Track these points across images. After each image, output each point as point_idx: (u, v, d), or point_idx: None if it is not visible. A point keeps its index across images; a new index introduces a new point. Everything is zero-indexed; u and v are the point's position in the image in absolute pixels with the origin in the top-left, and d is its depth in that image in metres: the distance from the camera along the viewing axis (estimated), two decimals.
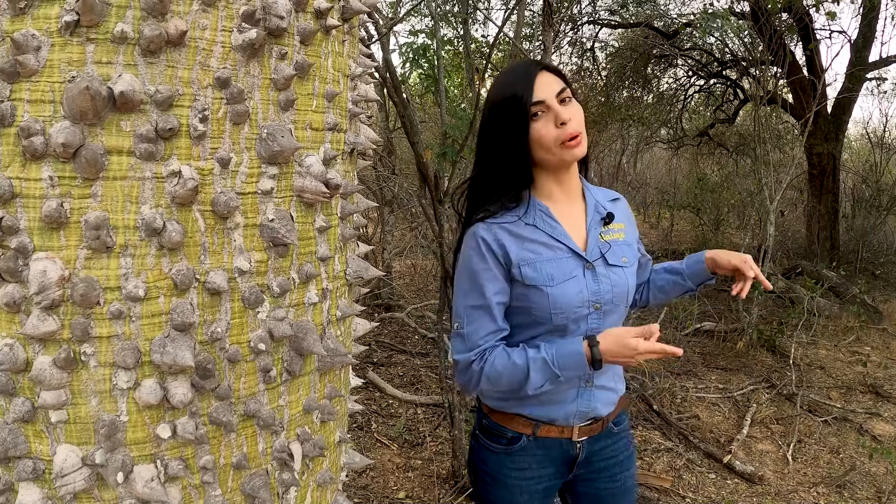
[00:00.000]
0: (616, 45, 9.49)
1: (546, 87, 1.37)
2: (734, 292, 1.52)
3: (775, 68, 6.55)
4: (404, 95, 3.15)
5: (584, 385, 1.46)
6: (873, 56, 7.18)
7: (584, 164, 1.57)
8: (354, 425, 3.72)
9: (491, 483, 1.51)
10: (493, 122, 1.41)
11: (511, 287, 1.40)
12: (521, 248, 1.39)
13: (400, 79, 3.25)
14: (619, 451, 1.56)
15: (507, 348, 1.41)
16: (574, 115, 1.38)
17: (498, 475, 1.50)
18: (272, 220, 1.00)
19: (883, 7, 6.91)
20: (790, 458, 3.54)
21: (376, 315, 5.46)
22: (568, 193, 1.48)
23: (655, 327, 1.31)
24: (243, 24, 0.93)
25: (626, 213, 1.57)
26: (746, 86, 8.49)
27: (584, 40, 8.39)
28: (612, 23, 8.49)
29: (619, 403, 1.55)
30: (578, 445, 1.50)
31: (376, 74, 3.07)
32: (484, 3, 6.81)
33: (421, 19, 5.54)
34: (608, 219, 1.47)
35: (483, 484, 1.53)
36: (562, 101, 1.38)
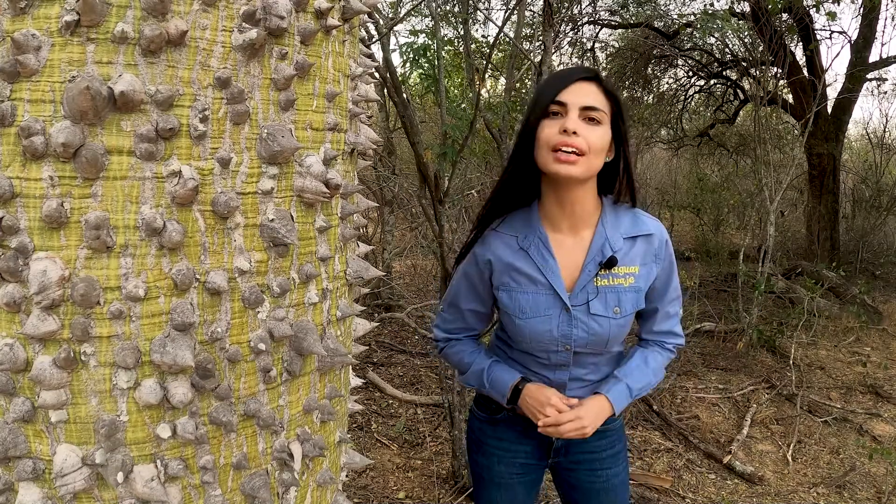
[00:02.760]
0: (616, 45, 9.49)
1: (578, 95, 1.28)
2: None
3: (775, 69, 6.55)
4: (404, 95, 3.15)
5: (561, 391, 1.45)
6: (873, 56, 7.19)
7: (630, 191, 1.41)
8: (354, 425, 3.72)
9: (476, 450, 1.62)
10: (524, 115, 1.38)
11: (494, 301, 1.49)
12: (505, 274, 1.40)
13: (400, 79, 3.25)
14: (603, 447, 1.54)
15: (469, 344, 1.56)
16: (588, 134, 1.26)
17: (481, 442, 1.60)
18: (272, 220, 1.00)
19: (883, 7, 6.91)
20: (790, 458, 3.54)
21: (376, 315, 5.45)
22: (571, 220, 1.37)
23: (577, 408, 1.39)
24: (244, 24, 0.93)
25: (650, 254, 1.39)
26: (747, 86, 8.49)
27: (585, 41, 8.39)
28: (613, 23, 8.49)
29: None
30: None
31: (376, 74, 3.07)
32: (484, 3, 6.81)
33: (421, 19, 5.54)
34: (608, 264, 1.34)
35: (470, 451, 1.65)
36: (588, 119, 1.28)
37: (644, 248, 1.39)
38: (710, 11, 6.41)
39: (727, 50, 8.33)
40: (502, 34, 3.65)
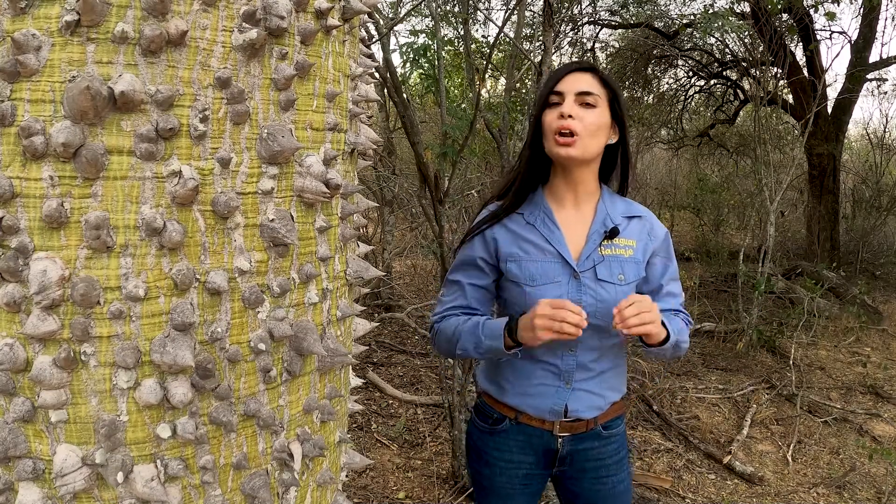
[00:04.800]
0: (616, 45, 9.49)
1: (573, 83, 1.42)
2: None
3: (775, 69, 6.55)
4: (404, 95, 3.15)
5: (563, 385, 1.46)
6: (873, 57, 7.19)
7: (623, 180, 1.55)
8: (354, 425, 3.72)
9: (476, 459, 1.59)
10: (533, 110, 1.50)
11: (500, 279, 1.50)
12: (512, 245, 1.46)
13: (400, 79, 3.26)
14: (608, 454, 1.54)
15: (466, 315, 1.51)
16: (584, 117, 1.39)
17: (482, 452, 1.57)
18: (272, 220, 1.00)
19: (883, 8, 6.92)
20: (790, 458, 3.54)
21: (376, 315, 5.45)
22: (576, 198, 1.48)
23: (571, 305, 1.27)
24: (244, 24, 0.93)
25: (645, 232, 1.50)
26: (747, 86, 8.49)
27: (585, 41, 8.38)
28: (613, 23, 8.48)
29: (610, 410, 1.53)
30: (559, 441, 1.51)
31: (377, 74, 3.07)
32: (484, 3, 6.81)
33: (421, 19, 5.54)
34: (611, 234, 1.45)
35: (470, 459, 1.63)
36: (583, 104, 1.40)
37: (639, 226, 1.51)
38: (710, 11, 6.41)
39: (727, 50, 8.33)
40: (502, 34, 3.65)
